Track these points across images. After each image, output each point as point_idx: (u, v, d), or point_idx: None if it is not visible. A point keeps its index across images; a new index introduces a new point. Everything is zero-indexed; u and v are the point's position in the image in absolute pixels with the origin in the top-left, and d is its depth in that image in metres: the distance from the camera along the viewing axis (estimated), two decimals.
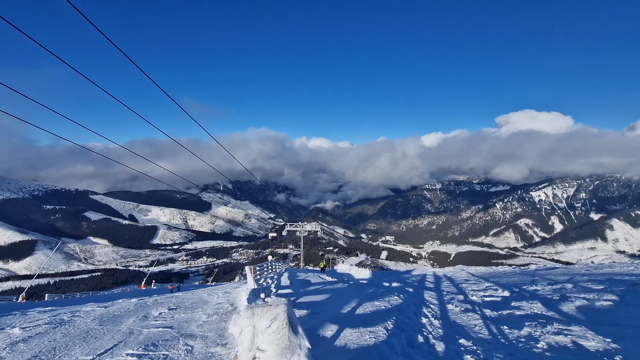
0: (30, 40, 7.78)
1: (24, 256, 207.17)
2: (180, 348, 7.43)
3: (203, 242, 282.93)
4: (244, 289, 15.64)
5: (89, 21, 7.73)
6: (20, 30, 7.49)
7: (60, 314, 13.55)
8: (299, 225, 44.85)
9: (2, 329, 10.49)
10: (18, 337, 9.34)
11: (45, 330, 10.05)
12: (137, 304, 15.14)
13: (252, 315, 5.61)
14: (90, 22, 7.86)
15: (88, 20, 7.67)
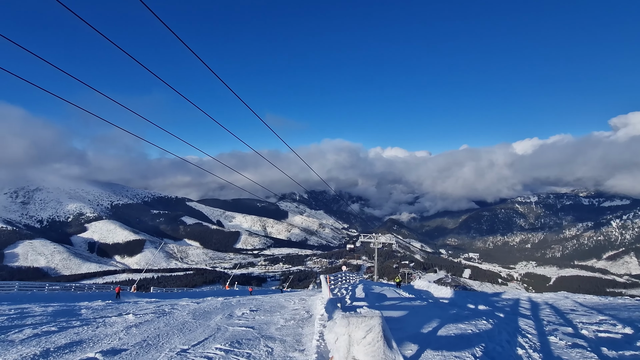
0: (146, 71, 9.25)
1: (135, 253, 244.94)
2: (262, 349, 7.77)
3: (280, 249, 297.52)
4: (319, 298, 15.82)
5: (188, 47, 8.86)
6: (143, 65, 8.97)
7: (162, 305, 15.49)
8: (372, 236, 44.05)
9: (120, 315, 12.40)
10: (132, 322, 10.92)
11: (152, 319, 11.55)
12: (223, 303, 16.48)
13: (348, 325, 5.63)
14: (192, 51, 9.02)
15: (186, 46, 8.80)
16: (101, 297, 23.99)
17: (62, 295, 24.36)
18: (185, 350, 7.54)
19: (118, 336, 8.87)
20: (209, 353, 7.35)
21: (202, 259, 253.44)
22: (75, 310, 12.89)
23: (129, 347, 7.81)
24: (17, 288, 25.17)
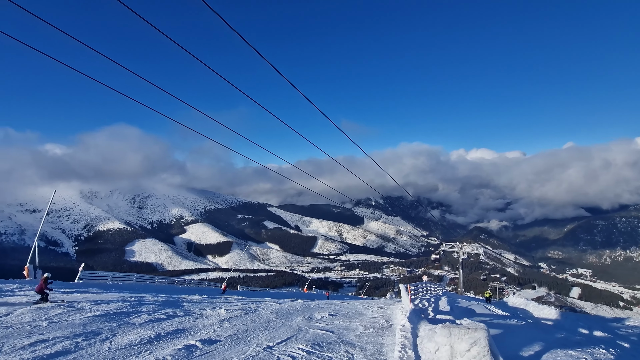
0: (232, 87, 10.15)
1: (224, 253, 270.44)
2: (342, 354, 7.73)
3: (356, 255, 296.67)
4: (398, 307, 15.20)
5: (267, 60, 9.44)
6: (232, 84, 9.91)
7: (249, 303, 16.64)
8: (456, 246, 40.77)
9: (214, 309, 13.68)
10: (224, 316, 11.95)
11: (240, 315, 12.48)
12: (303, 305, 16.98)
13: (450, 335, 5.34)
14: (271, 64, 9.61)
15: (264, 59, 9.39)
16: (198, 292, 26.93)
17: (168, 288, 28.05)
18: (270, 347, 7.93)
19: (213, 328, 9.78)
20: (292, 352, 7.59)
21: (281, 262, 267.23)
22: (178, 302, 14.68)
23: (222, 338, 8.54)
24: (135, 279, 29.85)
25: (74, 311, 10.22)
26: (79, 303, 11.55)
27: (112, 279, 27.02)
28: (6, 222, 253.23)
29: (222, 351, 7.47)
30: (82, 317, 9.53)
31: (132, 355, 6.75)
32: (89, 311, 10.41)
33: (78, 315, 9.71)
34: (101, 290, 17.74)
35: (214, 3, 7.24)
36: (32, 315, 9.22)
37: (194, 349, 7.43)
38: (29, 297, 12.73)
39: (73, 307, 10.70)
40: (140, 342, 7.67)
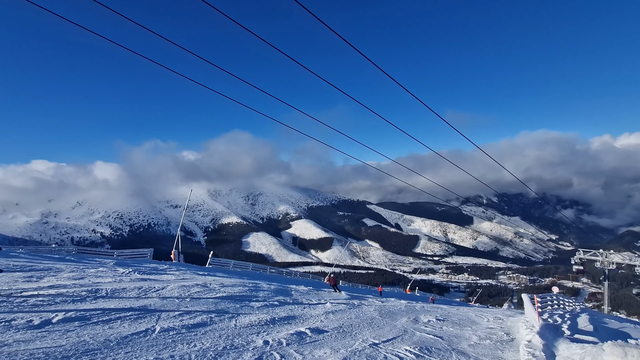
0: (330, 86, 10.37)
1: (326, 249, 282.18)
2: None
3: (464, 258, 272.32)
4: (521, 320, 13.26)
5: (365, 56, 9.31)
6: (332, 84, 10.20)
7: (352, 299, 16.92)
8: (600, 253, 33.23)
9: (319, 301, 14.37)
10: (329, 309, 12.43)
11: (344, 309, 12.78)
12: (407, 306, 16.38)
13: (625, 355, 4.52)
14: (368, 59, 9.47)
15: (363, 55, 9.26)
16: (304, 283, 28.78)
17: (278, 278, 30.75)
18: (376, 345, 7.86)
19: (320, 319, 10.26)
20: (399, 352, 7.36)
21: (381, 260, 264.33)
22: (288, 291, 15.91)
23: (329, 329, 8.88)
24: (251, 268, 33.71)
25: (208, 291, 12.09)
26: (210, 284, 13.61)
27: (233, 266, 31.09)
28: (157, 215, 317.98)
29: (330, 341, 7.74)
30: (214, 297, 11.19)
31: (253, 334, 7.59)
32: (218, 292, 12.17)
33: (211, 295, 11.45)
34: (225, 275, 20.57)
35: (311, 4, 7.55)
36: (179, 292, 11.27)
37: (304, 336, 7.90)
38: (177, 275, 15.64)
39: (207, 287, 12.67)
40: (259, 323, 8.57)
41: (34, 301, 8.20)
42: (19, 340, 5.52)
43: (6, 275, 11.11)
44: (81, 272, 13.15)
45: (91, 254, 25.49)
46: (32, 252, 20.66)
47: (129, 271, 14.78)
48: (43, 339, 5.71)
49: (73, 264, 15.74)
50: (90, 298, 9.08)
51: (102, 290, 10.06)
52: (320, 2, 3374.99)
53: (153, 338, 6.41)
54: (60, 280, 11.16)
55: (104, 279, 12.28)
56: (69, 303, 8.38)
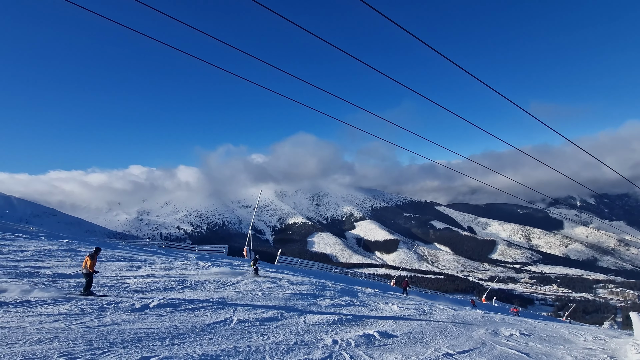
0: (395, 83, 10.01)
1: (391, 251, 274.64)
2: None
3: (552, 267, 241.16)
4: (630, 343, 11.26)
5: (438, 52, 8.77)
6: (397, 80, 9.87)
7: (421, 304, 16.15)
8: None
9: (387, 304, 14.00)
10: (397, 313, 12.04)
11: (413, 315, 12.26)
12: (483, 317, 15.08)
13: None
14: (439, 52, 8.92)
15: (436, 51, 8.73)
16: (369, 285, 28.42)
17: (343, 278, 30.84)
18: (450, 355, 7.36)
19: (388, 322, 9.99)
20: None
21: (452, 265, 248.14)
22: (354, 292, 15.83)
23: (398, 334, 8.58)
24: (317, 267, 34.40)
25: (277, 287, 12.64)
26: (280, 281, 14.22)
27: (300, 264, 32.08)
28: (230, 215, 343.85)
29: (400, 347, 7.47)
30: (283, 293, 11.65)
31: (321, 332, 7.70)
32: (287, 289, 12.64)
33: (280, 291, 11.95)
34: (293, 273, 21.29)
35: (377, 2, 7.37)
36: (252, 286, 11.99)
37: (373, 339, 7.76)
38: (249, 270, 16.69)
39: (277, 284, 13.26)
40: (327, 322, 8.67)
41: (135, 287, 9.46)
42: (125, 321, 6.41)
43: (113, 264, 13.04)
44: (170, 264, 14.80)
45: (177, 248, 28.59)
46: (131, 245, 23.94)
47: (208, 265, 16.19)
48: (143, 321, 6.54)
49: (163, 257, 17.82)
50: (178, 287, 10.16)
51: (187, 281, 11.17)
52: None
53: (231, 328, 6.90)
54: (154, 270, 12.70)
55: (188, 271, 13.64)
56: (162, 291, 9.48)
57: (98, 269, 11.59)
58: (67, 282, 9.11)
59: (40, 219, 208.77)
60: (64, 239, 19.11)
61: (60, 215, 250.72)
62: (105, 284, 9.34)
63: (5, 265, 10.16)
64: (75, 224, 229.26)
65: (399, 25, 7.44)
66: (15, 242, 14.82)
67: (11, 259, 11.17)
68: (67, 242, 17.13)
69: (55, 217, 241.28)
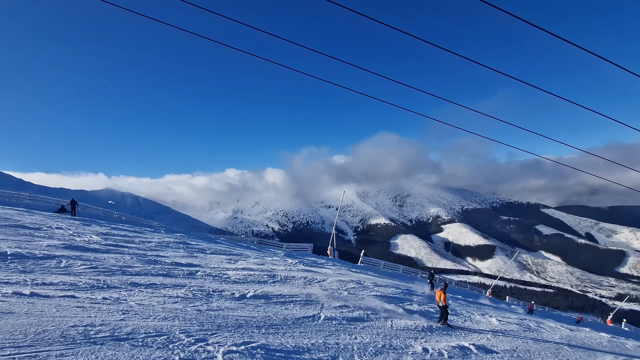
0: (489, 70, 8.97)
1: (486, 257, 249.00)
2: None
3: None
4: None
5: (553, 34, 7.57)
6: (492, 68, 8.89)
7: (526, 319, 14.24)
8: None
9: (483, 315, 12.73)
10: (496, 326, 10.84)
11: (516, 330, 10.87)
12: (610, 341, 12.55)
13: None
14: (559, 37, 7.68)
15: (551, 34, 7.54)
16: (461, 293, 26.26)
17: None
18: None
19: (486, 336, 9.05)
20: None
21: (564, 278, 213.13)
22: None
23: (498, 350, 7.71)
24: (402, 270, 33.22)
25: (362, 288, 12.59)
26: (364, 282, 14.14)
27: (384, 266, 31.42)
28: (314, 214, 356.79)
29: None
30: (368, 294, 11.55)
31: (410, 338, 7.37)
32: (372, 290, 12.49)
33: (365, 292, 11.87)
34: (377, 274, 20.97)
35: None
36: (337, 285, 12.18)
37: (468, 352, 7.12)
38: (334, 269, 17.01)
39: (361, 285, 13.21)
40: (415, 328, 8.27)
41: (234, 278, 10.50)
42: (228, 308, 7.16)
43: (216, 256, 14.71)
44: (262, 259, 16.03)
45: (267, 244, 30.86)
46: (229, 241, 26.69)
47: (295, 262, 17.04)
48: (242, 309, 7.21)
49: (256, 252, 19.41)
50: (270, 281, 10.93)
51: (278, 276, 11.94)
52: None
53: (319, 324, 7.11)
54: (249, 264, 13.92)
55: (278, 266, 14.57)
56: (256, 284, 10.31)
57: (205, 262, 13.25)
58: (181, 270, 10.60)
59: (159, 216, 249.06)
60: (177, 232, 22.38)
61: (173, 213, 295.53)
62: (210, 274, 10.59)
63: (137, 253, 12.33)
64: (184, 220, 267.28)
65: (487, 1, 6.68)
66: (143, 235, 17.90)
67: (141, 248, 13.52)
68: (180, 236, 19.98)
69: (170, 214, 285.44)
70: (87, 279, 7.83)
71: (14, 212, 19.07)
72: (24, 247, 10.20)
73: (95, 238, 14.08)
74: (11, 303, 5.35)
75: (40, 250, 10.11)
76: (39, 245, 10.86)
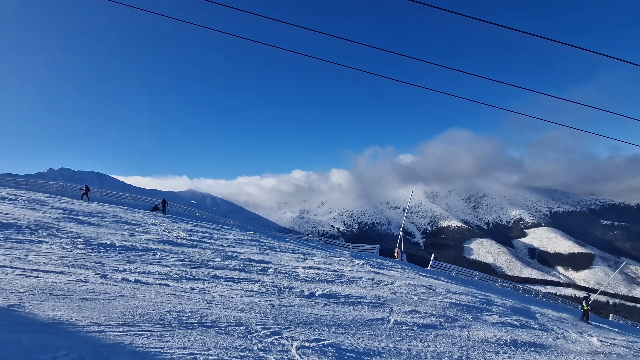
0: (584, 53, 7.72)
1: (582, 268, 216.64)
2: None
3: None
4: None
5: None
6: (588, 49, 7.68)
7: (637, 342, 12.05)
8: None
9: (580, 333, 11.11)
10: (597, 347, 9.37)
11: (625, 354, 9.26)
12: None
13: None
14: None
15: None
16: (551, 307, 23.26)
17: (512, 293, 26.39)
18: None
19: (585, 358, 7.88)
20: None
21: None
22: (530, 312, 13.28)
23: None
24: (478, 277, 30.67)
25: (433, 294, 11.96)
26: (436, 287, 13.40)
27: (457, 272, 29.40)
28: (379, 215, 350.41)
29: None
30: (441, 301, 10.91)
31: (491, 352, 6.77)
32: (444, 297, 11.77)
33: (437, 298, 11.24)
34: (449, 280, 19.71)
35: None
36: (406, 289, 11.76)
37: None
38: (402, 273, 16.47)
39: (432, 290, 12.55)
40: (496, 341, 7.57)
41: (303, 276, 10.83)
42: (298, 304, 7.41)
43: (285, 254, 15.36)
44: (328, 259, 16.27)
45: (332, 244, 31.19)
46: (297, 239, 27.65)
47: (362, 263, 16.92)
48: (311, 307, 7.40)
49: (322, 252, 19.77)
50: (337, 281, 11.03)
51: (345, 276, 11.98)
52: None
53: (389, 328, 6.94)
54: (317, 263, 14.23)
55: (345, 266, 14.63)
56: (324, 282, 10.49)
57: (275, 259, 13.94)
58: (254, 266, 11.30)
59: (233, 214, 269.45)
60: (250, 231, 23.94)
61: (246, 212, 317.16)
62: (281, 271, 11.09)
63: (217, 248, 13.50)
64: (255, 219, 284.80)
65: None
66: (220, 232, 19.54)
67: (219, 244, 14.77)
68: (252, 234, 21.32)
69: (242, 213, 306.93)
70: (177, 270, 8.82)
71: (120, 209, 22.40)
72: (127, 240, 11.91)
73: (181, 234, 15.81)
74: (121, 287, 6.29)
75: (140, 243, 11.70)
76: (138, 239, 12.59)
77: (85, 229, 13.17)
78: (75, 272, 6.85)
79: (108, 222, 15.70)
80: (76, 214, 16.26)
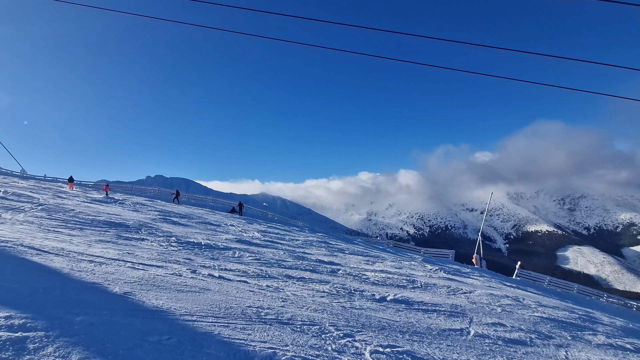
0: None
1: None
2: None
3: None
4: None
5: None
6: None
7: None
8: None
9: None
10: None
11: None
12: None
13: None
14: None
15: None
16: None
17: (623, 312, 22.32)
18: None
19: None
20: None
21: None
22: None
23: None
24: (576, 290, 26.66)
25: (521, 306, 10.75)
26: (524, 299, 12.03)
27: (549, 283, 25.97)
28: (453, 218, 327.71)
29: None
30: (530, 315, 9.75)
31: None
32: (535, 310, 10.50)
33: (526, 311, 10.07)
34: (540, 292, 17.52)
35: None
36: (488, 299, 10.78)
37: None
38: (481, 281, 15.16)
39: (519, 302, 11.29)
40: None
41: (373, 280, 10.68)
42: (369, 308, 7.33)
43: (354, 257, 15.33)
44: (399, 263, 15.76)
45: (403, 248, 30.12)
46: (365, 242, 27.37)
47: (436, 269, 16.03)
48: (383, 312, 7.24)
49: (392, 255, 19.23)
50: (409, 287, 10.62)
51: (417, 282, 11.48)
52: None
53: (469, 340, 6.44)
54: (386, 267, 13.91)
55: (417, 272, 14.01)
56: (395, 287, 10.20)
57: (345, 261, 14.00)
58: (324, 267, 11.50)
59: (302, 216, 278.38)
60: (319, 232, 24.46)
61: (314, 214, 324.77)
62: (350, 273, 11.10)
63: (288, 249, 14.10)
64: (323, 221, 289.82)
65: None
66: (291, 233, 20.35)
67: (291, 245, 15.39)
68: (321, 236, 21.75)
69: (310, 215, 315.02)
70: (254, 268, 9.44)
71: (203, 211, 24.82)
72: (211, 239, 13.15)
73: (256, 234, 16.88)
74: (207, 282, 6.96)
75: (221, 242, 12.81)
76: (220, 238, 13.80)
77: (177, 228, 14.92)
78: (171, 267, 7.80)
79: (194, 223, 17.56)
80: (169, 215, 18.52)
